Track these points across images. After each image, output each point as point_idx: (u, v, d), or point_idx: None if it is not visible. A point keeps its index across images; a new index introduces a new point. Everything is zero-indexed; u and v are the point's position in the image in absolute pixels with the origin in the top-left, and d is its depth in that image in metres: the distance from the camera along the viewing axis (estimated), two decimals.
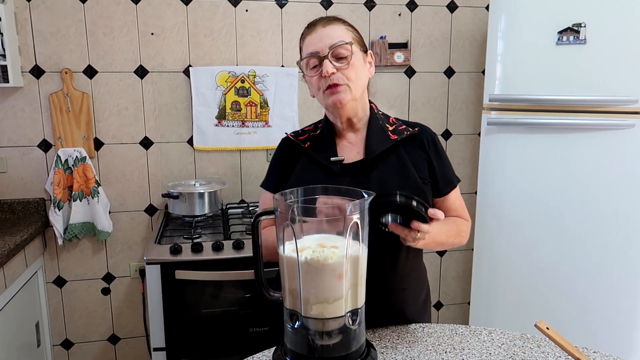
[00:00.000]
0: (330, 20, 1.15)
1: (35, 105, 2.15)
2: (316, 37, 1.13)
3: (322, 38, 1.12)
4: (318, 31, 1.13)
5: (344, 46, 1.12)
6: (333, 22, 1.15)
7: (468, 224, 1.26)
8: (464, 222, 1.25)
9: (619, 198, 1.96)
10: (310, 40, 1.14)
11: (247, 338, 1.85)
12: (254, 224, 0.93)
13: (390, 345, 1.09)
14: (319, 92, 1.16)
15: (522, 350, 1.06)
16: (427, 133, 1.23)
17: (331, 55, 1.11)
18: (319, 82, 1.14)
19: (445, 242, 1.17)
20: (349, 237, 0.86)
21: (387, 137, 1.18)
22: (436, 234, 1.07)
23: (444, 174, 1.22)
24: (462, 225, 1.23)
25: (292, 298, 0.89)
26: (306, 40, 1.16)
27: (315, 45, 1.12)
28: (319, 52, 1.12)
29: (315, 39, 1.13)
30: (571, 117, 1.98)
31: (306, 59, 1.15)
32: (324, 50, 1.11)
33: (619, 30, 1.88)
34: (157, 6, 2.19)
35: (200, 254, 1.78)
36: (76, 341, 2.37)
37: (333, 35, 1.12)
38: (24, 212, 2.20)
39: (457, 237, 1.20)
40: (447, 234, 1.16)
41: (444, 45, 2.51)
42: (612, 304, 2.01)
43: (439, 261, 2.71)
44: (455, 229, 1.20)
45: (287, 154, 1.26)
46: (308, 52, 1.14)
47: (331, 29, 1.13)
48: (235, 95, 2.30)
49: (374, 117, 1.22)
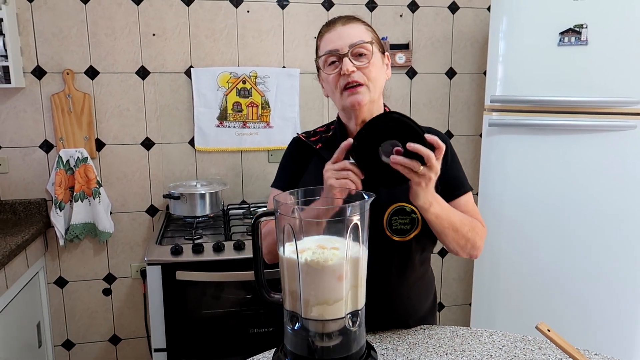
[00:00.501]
0: (349, 19, 1.13)
1: (37, 106, 2.15)
2: (335, 34, 1.11)
3: (342, 36, 1.10)
4: (337, 29, 1.11)
5: (364, 45, 1.09)
6: (353, 21, 1.13)
7: (483, 227, 1.18)
8: (478, 222, 1.17)
9: (620, 199, 1.95)
10: (330, 38, 1.11)
11: (248, 339, 1.85)
12: (254, 225, 0.93)
13: (390, 347, 1.09)
14: (336, 91, 1.12)
15: (523, 353, 1.06)
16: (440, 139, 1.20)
17: (351, 54, 1.09)
18: (337, 80, 1.10)
19: (459, 227, 1.08)
20: (349, 239, 0.86)
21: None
22: (444, 206, 1.03)
23: (453, 175, 1.19)
24: (476, 223, 1.15)
25: (292, 299, 0.89)
26: (324, 38, 1.13)
27: (335, 43, 1.10)
28: (338, 50, 1.09)
29: (335, 37, 1.10)
30: (573, 118, 1.97)
31: (324, 56, 1.12)
32: (344, 48, 1.09)
33: (621, 31, 1.87)
34: (158, 7, 2.19)
35: (201, 255, 1.78)
36: (77, 342, 2.37)
37: (353, 34, 1.10)
38: (25, 213, 2.20)
39: (472, 232, 1.11)
40: (460, 218, 1.09)
41: (445, 46, 2.51)
42: (613, 306, 2.00)
43: (441, 262, 2.71)
44: (469, 222, 1.12)
45: (298, 154, 1.24)
46: (327, 50, 1.11)
47: (351, 28, 1.11)
48: (236, 96, 2.30)
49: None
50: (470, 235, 1.11)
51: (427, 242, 1.17)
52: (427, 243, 1.18)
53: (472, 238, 1.11)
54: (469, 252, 1.13)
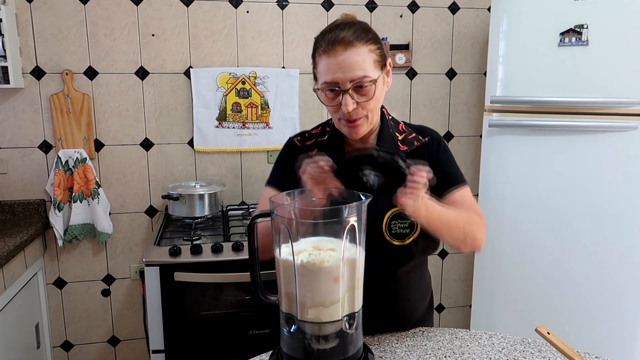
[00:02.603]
0: (351, 42, 1.01)
1: (36, 107, 2.15)
2: (335, 64, 1.01)
3: (343, 67, 1.01)
4: (338, 56, 1.01)
5: (367, 82, 1.03)
6: (355, 44, 1.02)
7: (481, 218, 1.13)
8: (474, 215, 1.12)
9: (621, 200, 1.94)
10: (329, 66, 1.02)
11: (246, 341, 1.85)
12: (250, 227, 0.92)
13: (389, 350, 1.08)
14: (334, 115, 1.10)
15: (522, 355, 1.05)
16: (434, 139, 1.18)
17: (352, 90, 1.03)
18: (336, 110, 1.07)
19: (454, 223, 1.05)
20: (346, 240, 0.85)
21: (396, 148, 1.13)
22: (435, 209, 1.00)
23: (446, 171, 1.16)
24: (472, 216, 1.11)
25: (288, 301, 0.88)
26: (324, 63, 1.04)
27: (334, 75, 1.02)
28: (339, 84, 1.02)
29: (334, 67, 1.02)
30: (573, 119, 1.96)
31: (323, 85, 1.05)
32: (345, 83, 1.02)
33: (622, 31, 1.86)
34: (158, 7, 2.19)
35: (200, 256, 1.77)
36: (76, 343, 2.36)
37: (355, 64, 1.01)
38: (24, 214, 2.20)
39: (469, 226, 1.07)
40: (455, 215, 1.06)
41: (445, 47, 2.50)
42: (615, 308, 1.99)
43: (441, 264, 2.70)
44: (465, 216, 1.08)
45: (294, 155, 1.17)
46: (326, 81, 1.03)
47: (353, 54, 1.01)
48: (235, 97, 2.30)
49: (385, 125, 1.17)
50: (468, 229, 1.07)
51: (426, 245, 1.15)
52: (427, 246, 1.17)
53: (471, 232, 1.08)
54: (470, 246, 1.10)
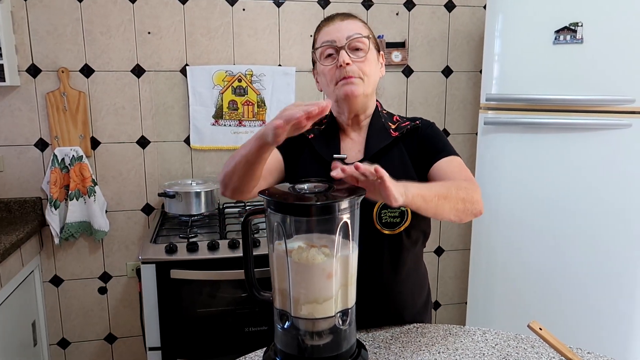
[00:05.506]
0: (348, 15, 1.17)
1: (32, 104, 2.15)
2: (334, 28, 1.14)
3: (340, 29, 1.13)
4: (336, 23, 1.14)
5: (361, 39, 1.12)
6: (351, 17, 1.16)
7: (471, 182, 1.07)
8: (462, 180, 1.08)
9: (616, 198, 1.95)
10: (327, 31, 1.15)
11: (243, 338, 1.85)
12: (244, 224, 0.92)
13: (383, 346, 1.09)
14: (331, 83, 1.14)
15: (515, 351, 1.06)
16: (425, 122, 1.21)
17: (348, 47, 1.11)
18: (333, 73, 1.13)
19: (446, 194, 0.97)
20: (339, 236, 0.86)
21: (388, 135, 1.17)
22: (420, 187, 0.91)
23: (433, 142, 1.16)
24: (459, 181, 1.07)
25: (282, 298, 0.89)
26: (322, 31, 1.16)
27: (332, 35, 1.13)
28: (335, 42, 1.12)
29: (333, 30, 1.14)
30: (568, 116, 1.97)
31: (321, 48, 1.14)
32: (341, 40, 1.11)
33: (616, 29, 1.87)
34: (154, 5, 2.19)
35: (196, 254, 1.78)
36: (73, 340, 2.37)
37: (351, 28, 1.13)
38: (20, 211, 2.20)
39: (461, 191, 1.00)
40: (445, 186, 1.01)
41: (441, 45, 2.50)
42: (610, 305, 2.00)
43: (437, 261, 2.71)
44: (453, 183, 1.04)
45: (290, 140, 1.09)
46: (324, 40, 1.14)
47: (349, 23, 1.14)
48: (232, 95, 2.30)
49: (377, 115, 1.21)
50: (462, 194, 1.00)
51: (417, 235, 1.17)
52: (418, 236, 1.18)
53: (467, 196, 1.01)
54: (472, 212, 1.03)
